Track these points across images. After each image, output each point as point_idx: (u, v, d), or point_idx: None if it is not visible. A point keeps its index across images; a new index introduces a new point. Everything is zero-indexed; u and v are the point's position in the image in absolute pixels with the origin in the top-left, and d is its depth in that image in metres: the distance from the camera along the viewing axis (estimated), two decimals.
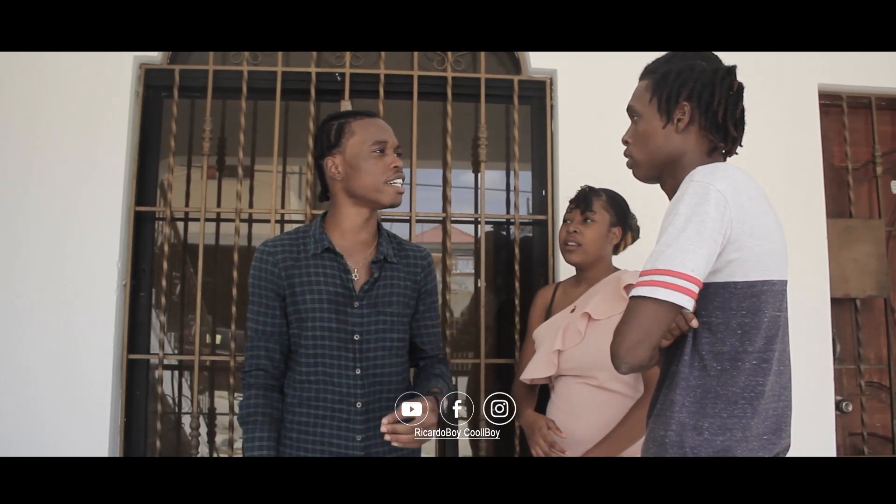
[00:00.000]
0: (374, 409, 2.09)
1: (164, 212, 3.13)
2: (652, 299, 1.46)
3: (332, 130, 2.13)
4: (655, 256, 1.49)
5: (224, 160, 3.59)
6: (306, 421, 2.07)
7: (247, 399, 2.07)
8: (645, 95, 1.72)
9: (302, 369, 2.09)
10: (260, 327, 2.10)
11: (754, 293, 1.52)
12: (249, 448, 2.02)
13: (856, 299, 3.34)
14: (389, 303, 2.14)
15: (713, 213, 1.47)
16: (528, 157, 3.33)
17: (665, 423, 1.54)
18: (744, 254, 1.51)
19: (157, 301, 3.10)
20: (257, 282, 2.11)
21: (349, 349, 2.08)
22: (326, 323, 2.07)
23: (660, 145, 1.68)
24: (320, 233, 2.13)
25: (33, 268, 2.93)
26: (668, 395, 1.56)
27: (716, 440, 1.50)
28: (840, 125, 3.43)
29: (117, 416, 2.95)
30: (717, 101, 1.64)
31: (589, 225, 2.50)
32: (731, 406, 1.51)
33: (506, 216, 3.38)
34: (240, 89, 3.13)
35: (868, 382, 3.34)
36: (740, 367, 1.52)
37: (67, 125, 3.02)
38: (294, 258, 2.11)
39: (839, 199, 3.42)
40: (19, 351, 2.90)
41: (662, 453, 1.53)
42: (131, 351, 3.01)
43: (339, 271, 2.11)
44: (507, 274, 3.28)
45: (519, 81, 3.26)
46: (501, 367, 3.20)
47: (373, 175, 2.10)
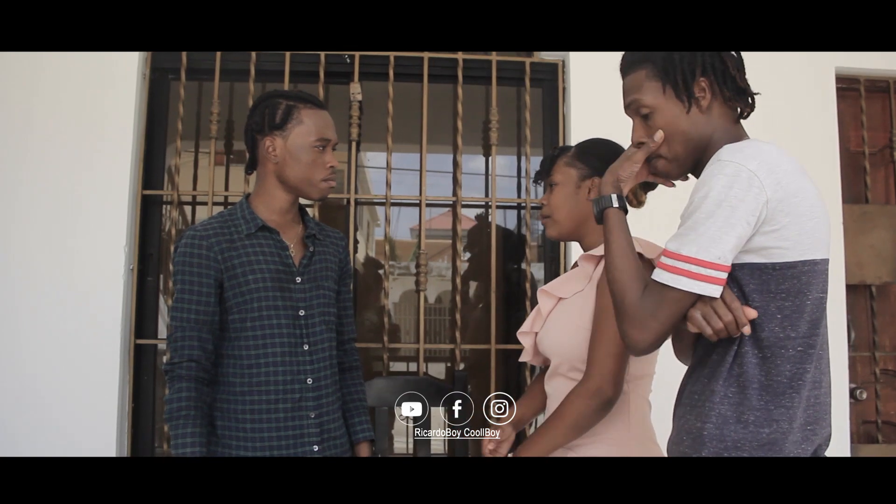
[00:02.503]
0: (323, 385, 2.09)
1: (171, 195, 3.11)
2: (676, 289, 1.41)
3: (277, 110, 2.07)
4: (680, 239, 1.42)
5: (232, 143, 3.57)
6: (259, 409, 2.02)
7: (177, 392, 1.96)
8: (652, 84, 1.58)
9: (250, 353, 2.03)
10: (192, 316, 2.01)
11: (794, 275, 1.43)
12: (182, 444, 1.91)
13: (871, 286, 3.30)
14: (326, 277, 2.15)
15: (744, 196, 1.38)
16: (539, 141, 3.29)
17: (703, 415, 1.47)
18: (781, 234, 1.41)
19: (165, 286, 3.09)
20: (189, 268, 2.02)
21: (297, 325, 2.06)
22: (272, 301, 2.04)
23: (689, 133, 1.56)
24: (250, 212, 2.09)
25: (40, 252, 2.92)
26: (708, 385, 1.49)
27: (761, 432, 1.43)
28: (857, 109, 3.38)
29: (125, 401, 2.95)
30: (732, 66, 1.56)
31: (553, 190, 2.08)
32: (777, 396, 1.43)
33: (517, 200, 3.35)
34: (248, 72, 3.10)
35: (883, 370, 3.31)
36: (784, 354, 1.44)
37: (74, 108, 2.99)
38: (228, 240, 2.05)
39: (855, 185, 3.37)
40: (27, 336, 2.89)
41: (699, 446, 1.47)
42: (139, 336, 3.00)
43: (277, 248, 2.08)
44: (517, 258, 3.25)
45: (531, 64, 3.22)
46: (511, 352, 3.18)
47: (309, 170, 2.07)
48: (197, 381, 1.98)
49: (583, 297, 1.95)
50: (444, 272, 9.18)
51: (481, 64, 3.21)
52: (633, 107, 1.61)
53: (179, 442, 1.92)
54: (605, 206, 1.61)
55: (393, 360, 3.82)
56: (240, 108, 3.30)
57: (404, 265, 9.97)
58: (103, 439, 2.86)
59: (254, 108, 2.14)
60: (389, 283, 3.24)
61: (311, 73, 3.13)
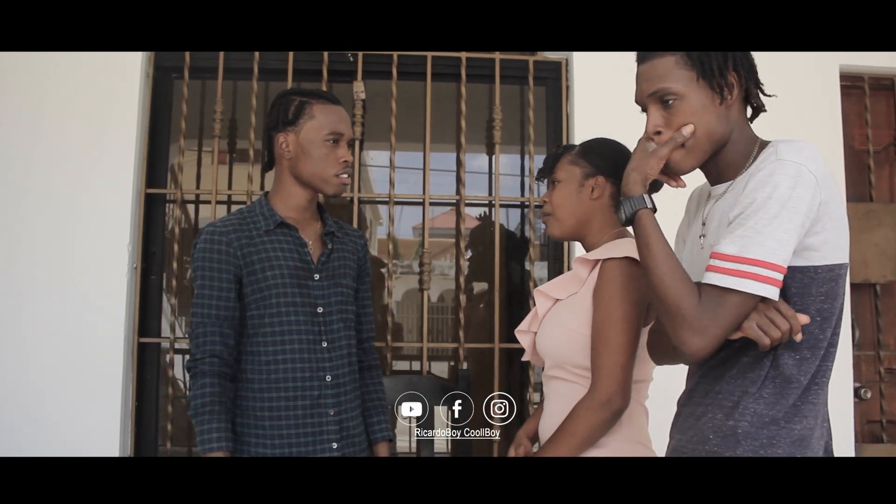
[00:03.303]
0: (342, 382, 2.08)
1: (174, 194, 3.11)
2: (740, 292, 1.38)
3: (290, 106, 2.08)
4: (743, 241, 1.38)
5: (235, 142, 3.57)
6: (277, 405, 2.02)
7: (201, 388, 1.97)
8: (683, 73, 1.51)
9: (269, 349, 2.03)
10: (213, 311, 2.01)
11: (833, 277, 1.45)
12: (208, 440, 1.92)
13: (875, 284, 3.29)
14: (344, 275, 2.15)
15: (806, 198, 1.37)
16: (543, 140, 3.29)
17: (736, 414, 1.47)
18: (824, 236, 1.42)
19: (168, 284, 3.08)
20: (210, 264, 2.03)
21: (315, 322, 2.06)
22: (291, 298, 2.04)
23: (714, 125, 1.52)
24: (269, 209, 2.10)
25: (44, 251, 2.92)
26: (739, 385, 1.49)
27: (794, 429, 1.45)
28: (861, 107, 3.37)
29: (128, 399, 2.95)
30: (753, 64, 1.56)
31: (556, 188, 2.03)
32: (806, 392, 1.46)
33: (520, 199, 3.35)
34: (251, 70, 3.10)
35: (887, 369, 3.30)
36: (816, 353, 1.46)
37: (77, 106, 2.99)
38: (248, 236, 2.06)
39: (859, 183, 3.36)
40: (30, 334, 2.89)
41: (732, 444, 1.47)
42: (142, 334, 3.00)
43: (296, 245, 2.09)
44: (521, 257, 3.25)
45: (534, 62, 3.22)
46: (514, 351, 3.18)
47: (322, 164, 2.07)
48: (220, 376, 1.99)
49: (577, 300, 1.93)
50: (448, 271, 9.17)
51: (484, 62, 3.21)
52: (658, 94, 1.54)
53: (205, 437, 1.93)
54: (639, 208, 1.54)
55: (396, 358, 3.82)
56: (243, 106, 3.31)
57: (407, 264, 9.96)
58: (107, 438, 2.86)
59: (271, 106, 2.15)
60: (392, 281, 3.24)
61: (315, 72, 3.13)
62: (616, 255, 1.85)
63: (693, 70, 1.51)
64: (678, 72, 1.51)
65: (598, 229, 1.98)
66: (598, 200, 1.98)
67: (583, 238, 2.03)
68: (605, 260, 1.87)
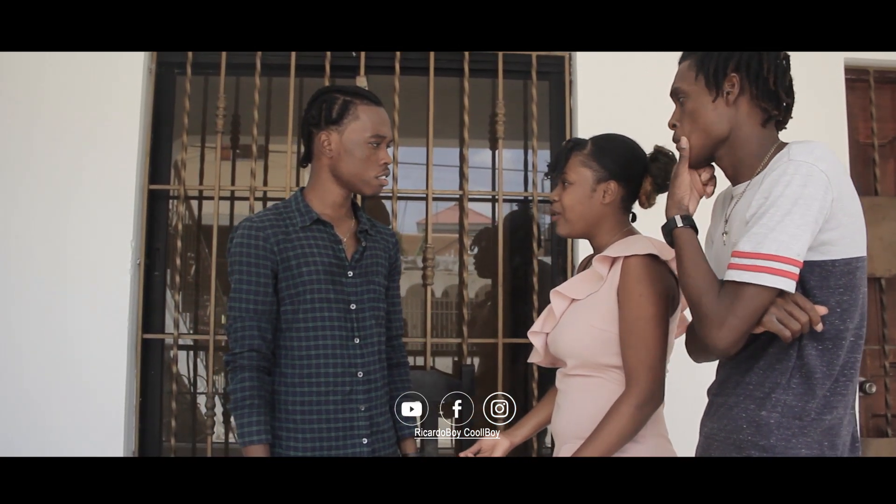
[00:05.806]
0: (373, 378, 2.09)
1: (178, 190, 3.11)
2: (756, 285, 1.47)
3: (335, 105, 2.08)
4: (757, 239, 1.48)
5: (238, 137, 3.57)
6: (309, 400, 2.03)
7: (240, 382, 1.99)
8: (689, 74, 1.69)
9: (301, 344, 2.05)
10: (251, 306, 2.03)
11: (850, 270, 1.53)
12: (248, 433, 1.95)
13: (881, 279, 3.27)
14: (376, 272, 2.16)
15: (817, 195, 1.46)
16: (546, 134, 3.28)
17: (769, 405, 1.54)
18: (840, 231, 1.50)
19: (172, 280, 3.08)
20: (246, 259, 2.04)
21: (348, 319, 2.07)
22: (325, 294, 2.05)
23: (711, 121, 1.66)
24: (305, 206, 2.11)
25: (47, 247, 2.92)
26: (768, 376, 1.55)
27: (824, 419, 1.51)
28: (866, 101, 3.36)
29: (132, 396, 2.95)
30: (767, 69, 1.64)
31: (567, 189, 2.02)
32: (835, 384, 1.53)
33: (524, 194, 3.34)
34: (254, 66, 3.10)
35: (893, 363, 3.29)
36: (841, 344, 1.53)
37: (80, 103, 3.00)
38: (284, 232, 2.06)
39: (865, 177, 3.35)
40: (33, 331, 2.90)
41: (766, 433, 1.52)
42: (146, 331, 3.01)
43: (331, 242, 2.09)
44: (525, 252, 3.24)
45: (537, 57, 3.21)
46: (518, 346, 3.17)
47: (363, 166, 2.07)
48: (259, 370, 2.01)
49: (597, 298, 1.93)
50: (451, 266, 9.16)
51: (487, 57, 3.20)
52: (674, 93, 1.74)
53: (245, 431, 1.95)
54: (672, 228, 1.68)
55: None
56: (246, 102, 3.30)
57: (411, 259, 9.95)
58: (111, 433, 2.87)
59: (311, 102, 2.14)
60: None
61: (318, 67, 3.13)
62: (639, 252, 1.87)
63: (695, 70, 1.68)
64: (687, 72, 1.70)
65: (608, 230, 2.00)
66: (609, 204, 1.99)
67: (592, 238, 2.05)
68: (628, 257, 1.88)
